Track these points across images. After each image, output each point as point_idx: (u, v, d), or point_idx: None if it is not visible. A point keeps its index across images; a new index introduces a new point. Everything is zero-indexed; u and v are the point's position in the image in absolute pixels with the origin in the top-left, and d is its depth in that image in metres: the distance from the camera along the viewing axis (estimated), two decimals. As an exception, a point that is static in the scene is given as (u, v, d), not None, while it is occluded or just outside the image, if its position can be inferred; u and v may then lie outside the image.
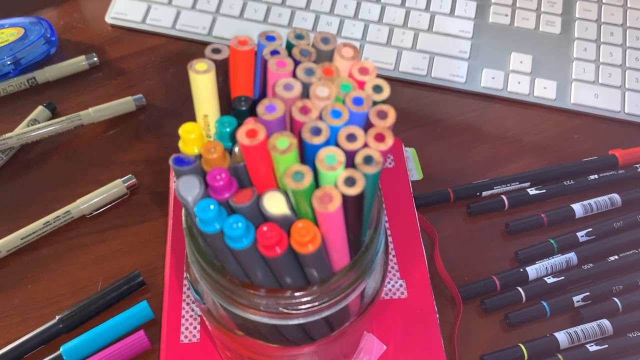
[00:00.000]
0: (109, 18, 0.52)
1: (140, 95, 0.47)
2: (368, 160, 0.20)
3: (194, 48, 0.51)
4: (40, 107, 0.47)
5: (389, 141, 0.20)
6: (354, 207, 0.21)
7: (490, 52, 0.50)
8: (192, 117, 0.23)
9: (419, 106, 0.48)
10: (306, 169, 0.20)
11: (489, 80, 0.49)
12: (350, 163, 0.21)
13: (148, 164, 0.45)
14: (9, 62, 0.48)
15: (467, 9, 0.52)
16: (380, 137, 0.21)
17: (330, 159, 0.20)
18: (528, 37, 0.51)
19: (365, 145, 0.21)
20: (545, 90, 0.49)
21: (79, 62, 0.49)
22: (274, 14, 0.51)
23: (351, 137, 0.21)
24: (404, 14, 0.52)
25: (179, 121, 0.46)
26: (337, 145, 0.21)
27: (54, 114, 0.47)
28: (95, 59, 0.49)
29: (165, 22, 0.51)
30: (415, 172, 0.45)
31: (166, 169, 0.44)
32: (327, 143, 0.21)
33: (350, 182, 0.20)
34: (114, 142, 0.46)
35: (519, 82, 0.49)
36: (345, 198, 0.20)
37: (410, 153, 0.45)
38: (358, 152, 0.20)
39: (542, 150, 0.47)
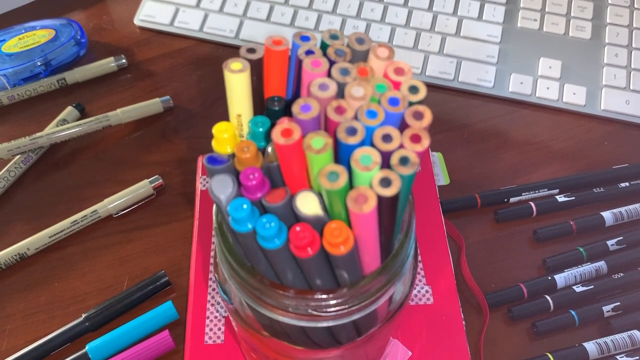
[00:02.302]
0: (138, 20, 0.52)
1: (168, 97, 0.48)
2: (404, 161, 0.20)
3: (221, 51, 0.51)
4: (69, 108, 0.48)
5: (425, 142, 0.20)
6: (388, 209, 0.21)
7: (519, 57, 0.50)
8: (219, 120, 0.23)
9: (446, 111, 0.48)
10: (341, 169, 0.20)
11: (517, 86, 0.48)
12: (385, 164, 0.20)
13: (175, 165, 0.45)
14: (39, 63, 0.49)
15: (495, 13, 0.52)
16: (416, 138, 0.20)
17: (365, 159, 0.20)
18: (557, 42, 0.51)
19: (401, 146, 0.20)
20: (574, 96, 0.48)
21: (107, 64, 0.50)
22: (301, 17, 0.52)
23: (387, 138, 0.20)
24: (431, 18, 0.52)
25: (206, 123, 0.47)
26: (372, 145, 0.21)
27: (83, 114, 0.48)
28: (124, 60, 0.50)
29: (193, 24, 0.52)
30: (442, 177, 0.44)
31: (193, 170, 0.45)
32: (362, 143, 0.20)
33: (385, 183, 0.20)
34: (141, 143, 0.47)
35: (547, 88, 0.48)
36: (380, 199, 0.20)
37: (437, 158, 0.45)
38: (394, 152, 0.20)
39: (571, 157, 0.46)
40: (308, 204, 0.21)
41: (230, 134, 0.23)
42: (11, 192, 0.45)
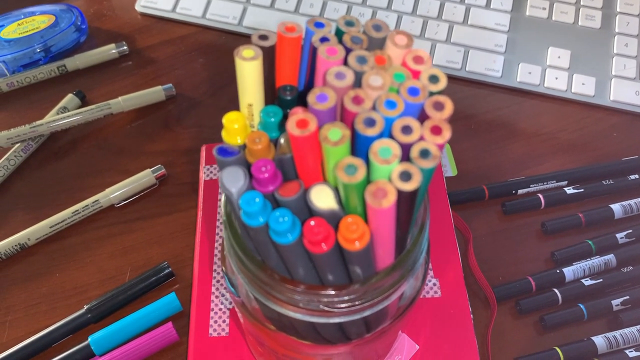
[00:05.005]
0: (139, 6, 0.51)
1: (170, 85, 0.47)
2: (424, 154, 0.19)
3: (224, 38, 0.50)
4: (69, 95, 0.47)
5: (447, 134, 0.19)
6: (406, 204, 0.20)
7: (527, 46, 0.49)
8: (222, 108, 0.22)
9: (453, 100, 0.46)
10: (359, 162, 0.19)
11: (526, 75, 0.48)
12: (405, 157, 0.20)
13: (177, 154, 0.45)
14: (39, 50, 0.47)
15: (503, 1, 0.51)
16: (436, 130, 0.20)
17: (384, 152, 0.19)
18: (566, 32, 0.50)
19: (421, 138, 0.20)
20: (583, 87, 0.47)
21: (108, 51, 0.49)
22: (305, 5, 0.50)
23: (406, 129, 0.20)
24: (438, 5, 0.51)
25: (209, 112, 0.46)
26: (391, 137, 0.20)
27: (84, 102, 0.47)
28: (125, 47, 0.49)
29: (196, 11, 0.51)
30: (449, 168, 0.44)
31: (196, 159, 0.44)
32: (381, 135, 0.20)
33: (405, 176, 0.19)
34: (143, 132, 0.46)
35: (556, 78, 0.48)
36: (399, 194, 0.19)
37: (444, 148, 0.44)
38: (414, 145, 0.19)
39: (580, 149, 0.45)
40: (323, 198, 0.21)
41: (240, 125, 0.22)
42: (11, 181, 0.44)
